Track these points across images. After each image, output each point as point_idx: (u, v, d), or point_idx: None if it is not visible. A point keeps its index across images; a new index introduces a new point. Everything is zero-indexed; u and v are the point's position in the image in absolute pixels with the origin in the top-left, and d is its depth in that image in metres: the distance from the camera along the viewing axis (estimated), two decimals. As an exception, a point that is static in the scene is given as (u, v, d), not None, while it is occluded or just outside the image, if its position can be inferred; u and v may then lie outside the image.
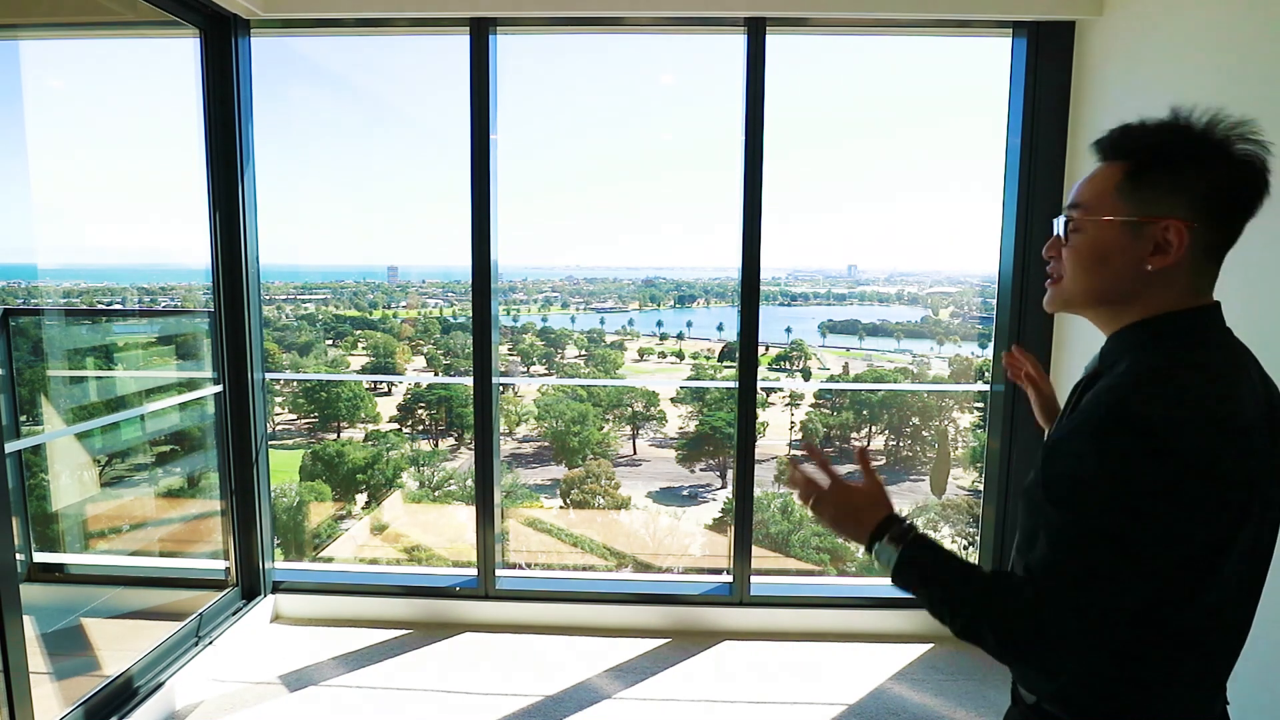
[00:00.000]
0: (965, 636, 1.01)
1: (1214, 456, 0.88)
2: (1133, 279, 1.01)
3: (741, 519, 3.48)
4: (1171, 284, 1.00)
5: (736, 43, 3.25)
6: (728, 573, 3.56)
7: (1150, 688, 1.00)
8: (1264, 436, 0.94)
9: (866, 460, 1.22)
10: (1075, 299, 1.09)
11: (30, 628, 2.23)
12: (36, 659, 2.29)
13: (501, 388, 3.56)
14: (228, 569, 3.42)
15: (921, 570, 1.06)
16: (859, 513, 1.14)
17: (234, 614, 3.31)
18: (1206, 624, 0.98)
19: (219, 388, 3.31)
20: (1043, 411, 1.56)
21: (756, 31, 3.19)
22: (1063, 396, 1.47)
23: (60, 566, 3.24)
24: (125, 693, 2.70)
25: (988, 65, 3.40)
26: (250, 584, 3.45)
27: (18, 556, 2.35)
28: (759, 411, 3.53)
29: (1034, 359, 1.58)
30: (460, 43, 3.28)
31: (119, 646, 2.96)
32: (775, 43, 3.22)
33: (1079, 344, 3.09)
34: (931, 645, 3.38)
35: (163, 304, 4.32)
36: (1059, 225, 1.09)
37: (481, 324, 3.43)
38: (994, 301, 3.47)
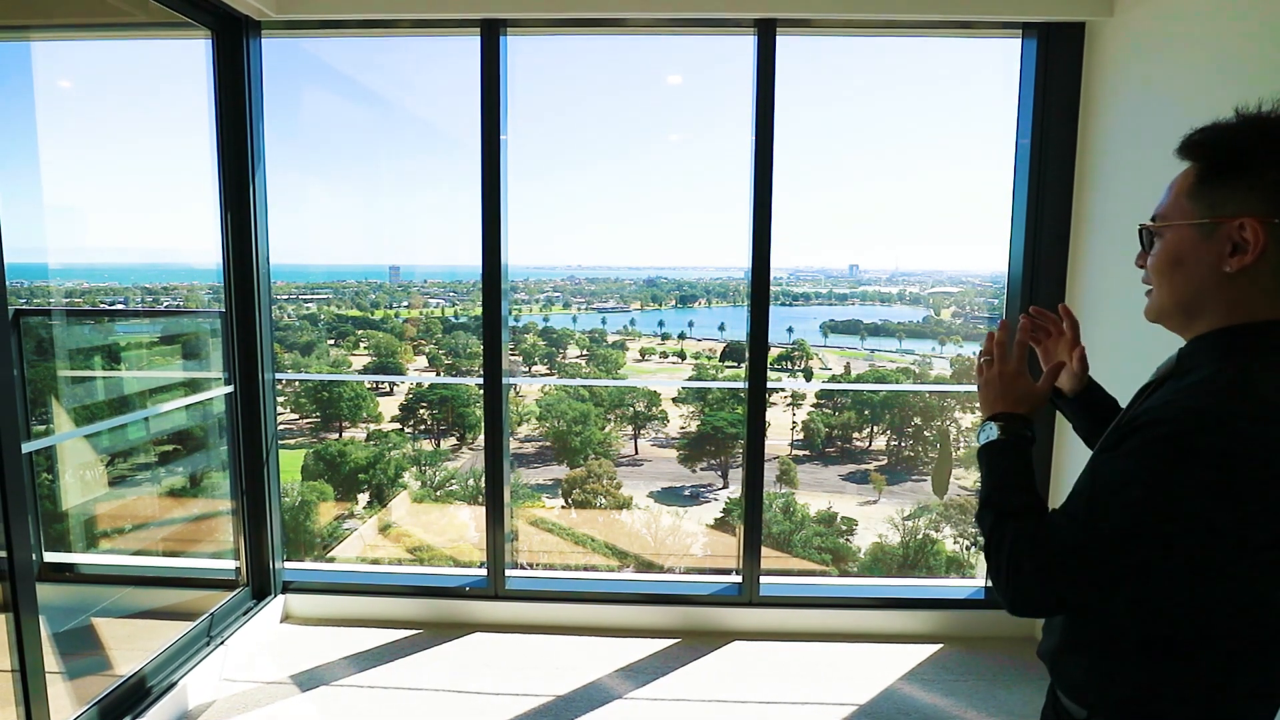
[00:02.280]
0: (981, 527, 1.10)
1: (1269, 466, 0.87)
2: (1212, 283, 0.98)
3: (751, 519, 3.49)
4: (1256, 288, 0.96)
5: (744, 44, 3.26)
6: (737, 573, 3.57)
7: (1206, 698, 0.98)
8: None
9: (1057, 371, 1.24)
10: (1166, 309, 1.06)
11: (42, 627, 2.23)
12: (49, 658, 2.29)
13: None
14: (238, 569, 3.43)
15: (1000, 461, 1.14)
16: (1010, 395, 1.19)
17: (245, 614, 3.31)
18: (1267, 635, 0.96)
19: (230, 388, 3.32)
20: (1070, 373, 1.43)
21: (767, 33, 3.20)
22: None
23: (71, 566, 3.24)
24: (138, 692, 2.70)
25: (997, 66, 3.42)
26: (261, 584, 3.46)
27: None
28: (768, 412, 3.53)
29: (1071, 319, 1.43)
30: (469, 44, 3.29)
31: (130, 646, 2.96)
32: (783, 43, 3.23)
33: (1092, 343, 3.09)
34: (941, 645, 3.39)
35: (165, 304, 4.31)
36: (1141, 235, 1.09)
37: (491, 324, 3.44)
38: (996, 301, 3.48)
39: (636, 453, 9.03)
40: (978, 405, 1.27)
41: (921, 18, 3.09)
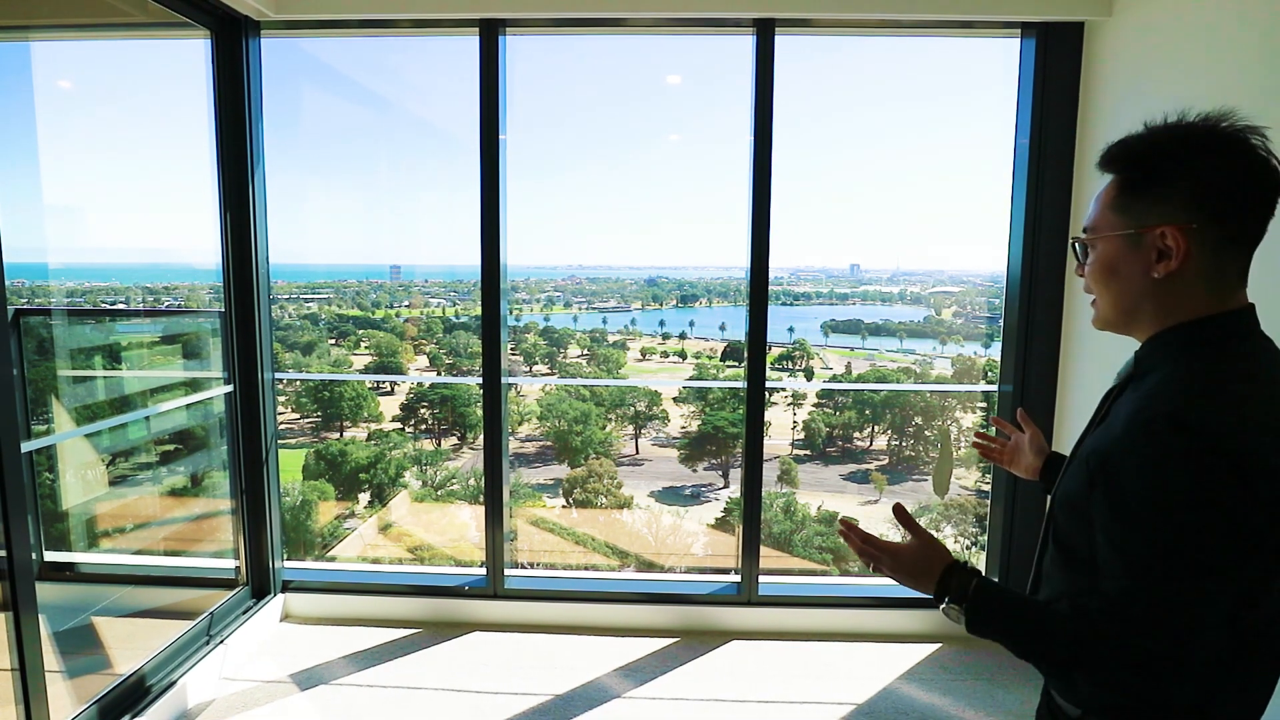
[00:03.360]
0: (1057, 678, 1.04)
1: (1253, 457, 0.88)
2: (1145, 290, 1.02)
3: (750, 519, 3.50)
4: (1189, 288, 0.99)
5: (744, 43, 3.26)
6: (736, 572, 3.57)
7: (1205, 700, 0.98)
8: None
9: (905, 518, 1.20)
10: (1110, 318, 1.10)
11: (42, 626, 2.24)
12: (49, 657, 2.30)
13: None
14: (238, 568, 3.43)
15: (993, 626, 1.07)
16: (915, 574, 1.16)
17: (244, 613, 3.31)
18: (1264, 633, 0.97)
19: (229, 387, 3.32)
20: (1034, 451, 1.49)
21: (765, 32, 3.20)
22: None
23: (71, 565, 3.25)
24: (138, 691, 2.71)
25: (996, 66, 3.41)
26: (260, 583, 3.46)
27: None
28: (767, 411, 3.53)
29: (1026, 421, 1.52)
30: (469, 44, 3.29)
31: (130, 645, 2.97)
32: (782, 43, 3.23)
33: (1088, 344, 3.10)
34: (940, 645, 3.39)
35: (166, 304, 4.32)
36: (1074, 248, 1.12)
37: (490, 324, 3.44)
38: (997, 301, 3.48)
39: (637, 452, 9.03)
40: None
41: (920, 17, 3.09)
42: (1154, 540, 0.91)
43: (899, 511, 1.20)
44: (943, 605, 1.12)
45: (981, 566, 3.57)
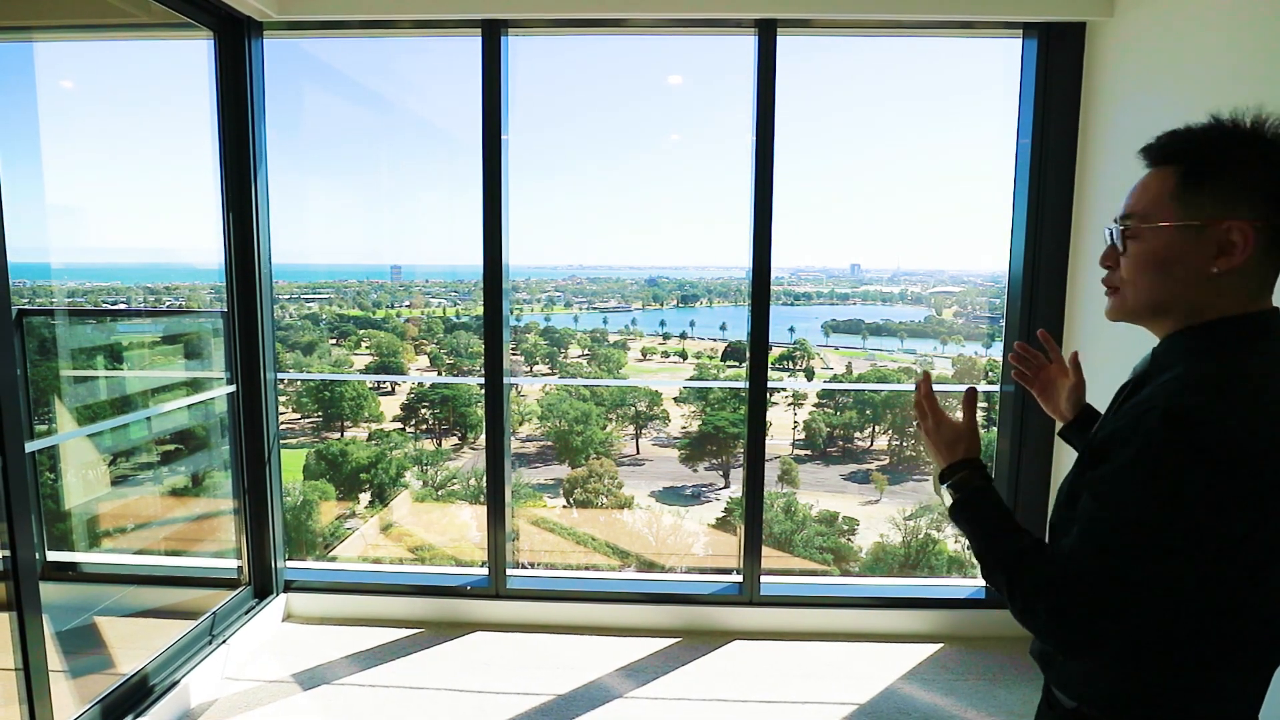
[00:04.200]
0: (993, 585, 1.07)
1: (1265, 460, 0.89)
2: (1198, 284, 1.00)
3: (751, 519, 3.50)
4: (1236, 287, 0.99)
5: (745, 44, 3.26)
6: (737, 572, 3.57)
7: (1194, 694, 1.00)
8: None
9: (972, 402, 1.26)
10: (1140, 308, 1.07)
11: (45, 626, 2.24)
12: (52, 657, 2.30)
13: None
14: (240, 568, 3.44)
15: (970, 518, 1.13)
16: (941, 446, 1.22)
17: (246, 613, 3.32)
18: (1255, 633, 0.98)
19: (232, 387, 3.33)
20: (1070, 403, 1.47)
21: (767, 33, 3.20)
22: (1087, 399, 1.47)
23: (73, 565, 3.25)
24: (141, 691, 2.71)
25: (997, 66, 3.42)
26: (262, 583, 3.47)
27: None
28: (769, 412, 3.54)
29: (1053, 347, 1.50)
30: (470, 44, 3.29)
31: (133, 645, 2.97)
32: (782, 43, 3.23)
33: (1091, 343, 3.10)
34: (941, 645, 3.39)
35: (167, 303, 4.33)
36: (1113, 234, 1.08)
37: (492, 324, 3.45)
38: (998, 301, 3.48)
39: (638, 452, 9.03)
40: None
41: (922, 18, 3.09)
42: (1119, 510, 0.93)
43: (970, 395, 1.26)
44: (944, 484, 1.19)
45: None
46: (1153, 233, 1.02)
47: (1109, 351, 2.88)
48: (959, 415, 1.26)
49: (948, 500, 1.18)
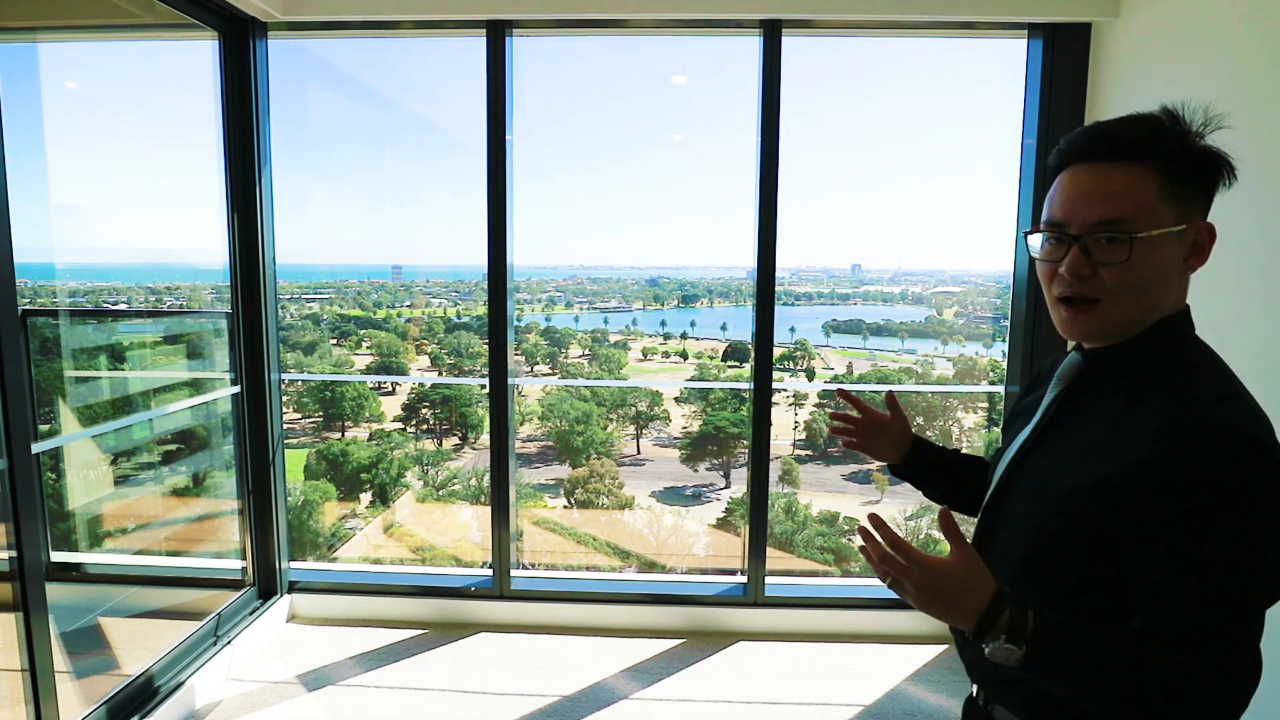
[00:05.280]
0: (1099, 710, 0.93)
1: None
2: (1171, 290, 0.98)
3: (756, 520, 3.50)
4: (1181, 288, 0.99)
5: (750, 44, 3.26)
6: (742, 573, 3.57)
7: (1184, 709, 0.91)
8: None
9: (951, 523, 0.94)
10: (1126, 325, 0.98)
11: (50, 627, 2.24)
12: (58, 658, 2.30)
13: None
14: (244, 569, 3.43)
15: (1053, 666, 0.90)
16: (954, 599, 0.92)
17: (251, 614, 3.31)
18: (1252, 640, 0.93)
19: (236, 388, 3.32)
20: (896, 444, 1.38)
21: (772, 33, 3.20)
22: None
23: (77, 566, 3.25)
24: (146, 692, 2.71)
25: (1002, 67, 3.41)
26: (267, 584, 3.46)
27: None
28: (772, 412, 3.54)
29: (856, 402, 1.39)
30: (475, 45, 3.29)
31: (138, 646, 2.97)
32: (788, 44, 3.23)
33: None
34: (946, 646, 3.39)
35: (168, 304, 4.32)
36: (1082, 243, 0.96)
37: (496, 324, 3.44)
38: (999, 301, 3.48)
39: (639, 452, 9.02)
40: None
41: (927, 18, 3.09)
42: (1230, 563, 0.85)
43: (945, 519, 0.94)
44: (990, 646, 0.90)
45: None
46: (1149, 242, 0.93)
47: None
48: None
49: (1008, 656, 0.89)
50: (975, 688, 1.17)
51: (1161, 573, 0.87)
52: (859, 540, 0.98)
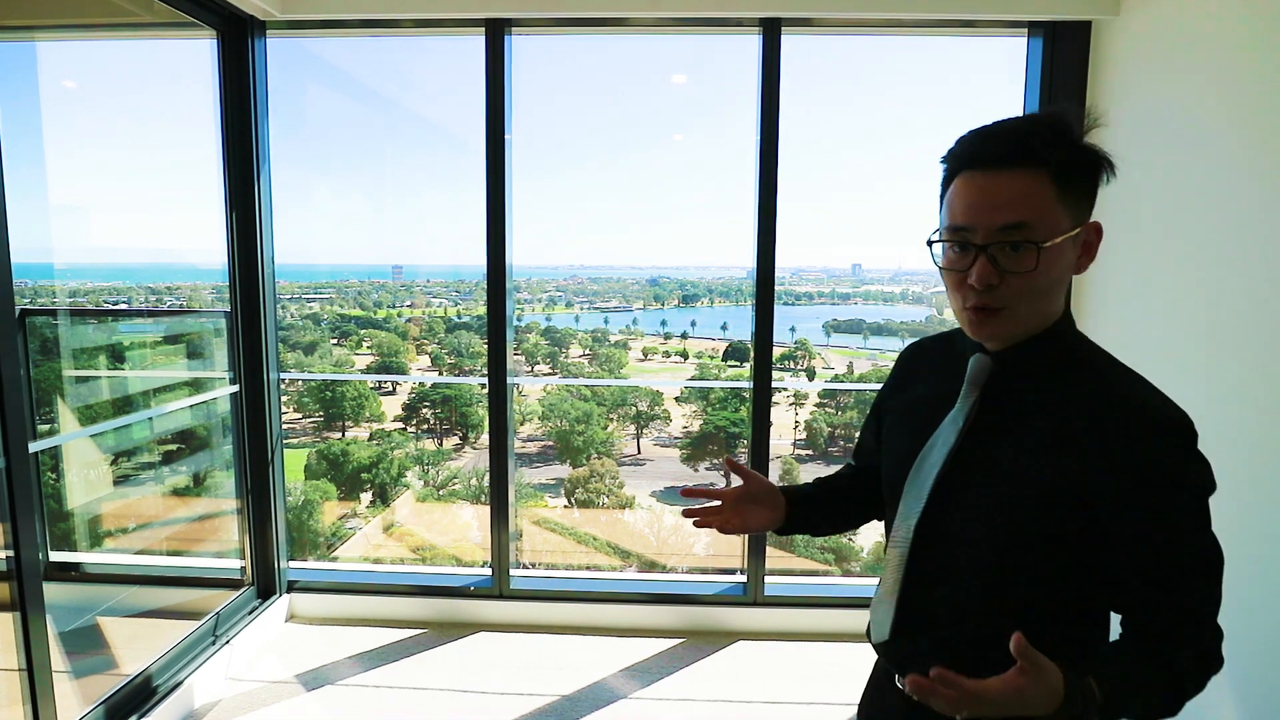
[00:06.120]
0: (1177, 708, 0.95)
1: None
2: (1064, 289, 1.02)
3: (755, 519, 3.49)
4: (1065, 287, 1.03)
5: (749, 43, 3.26)
6: (741, 573, 3.56)
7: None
8: None
9: (1022, 648, 0.84)
10: (1030, 325, 1.00)
11: (48, 626, 2.24)
12: (55, 657, 2.29)
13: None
14: (243, 568, 3.43)
15: (1128, 709, 0.92)
16: (1031, 704, 0.86)
17: (250, 613, 3.31)
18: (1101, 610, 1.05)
19: (235, 387, 3.32)
20: (771, 505, 1.27)
21: (771, 32, 3.19)
22: None
23: (76, 565, 3.25)
24: (144, 691, 2.70)
25: (1002, 66, 3.41)
26: (266, 583, 3.46)
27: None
28: (772, 411, 3.53)
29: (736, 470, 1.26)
30: (474, 43, 3.29)
31: (136, 645, 2.97)
32: (787, 43, 3.23)
33: (1093, 334, 3.09)
34: (945, 645, 3.38)
35: (168, 303, 4.32)
36: (994, 251, 0.95)
37: (496, 324, 3.44)
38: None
39: (639, 452, 9.02)
40: None
41: (926, 16, 3.09)
42: (1209, 542, 0.94)
43: (1019, 646, 0.83)
44: None
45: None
46: (1061, 245, 0.95)
47: (1113, 348, 2.88)
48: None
49: None
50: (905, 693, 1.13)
51: (1162, 561, 0.93)
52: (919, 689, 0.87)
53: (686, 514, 1.26)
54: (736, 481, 1.28)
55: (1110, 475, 0.93)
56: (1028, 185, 0.93)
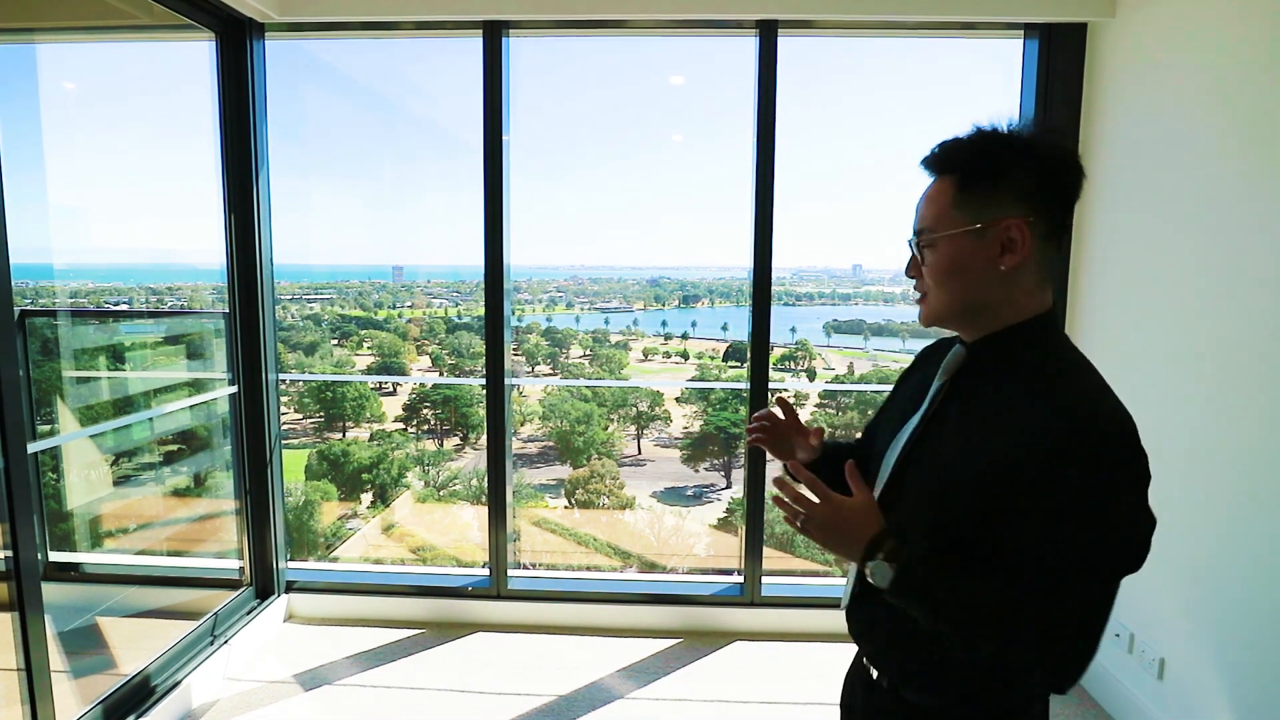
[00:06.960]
0: (968, 650, 1.04)
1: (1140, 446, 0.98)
2: (994, 283, 1.07)
3: (752, 520, 3.50)
4: (1028, 279, 1.07)
5: (747, 44, 3.26)
6: (739, 573, 3.57)
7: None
8: None
9: (855, 471, 1.11)
10: (945, 312, 1.13)
11: (47, 626, 2.25)
12: (54, 657, 2.30)
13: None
14: (242, 568, 3.44)
15: (918, 587, 1.03)
16: (850, 530, 1.07)
17: (248, 613, 3.32)
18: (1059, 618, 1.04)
19: (234, 388, 3.33)
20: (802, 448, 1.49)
21: (768, 34, 3.20)
22: None
23: (75, 565, 3.26)
24: (143, 691, 2.71)
25: (998, 67, 3.41)
26: (264, 583, 3.47)
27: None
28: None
29: (787, 409, 1.51)
30: (472, 45, 3.30)
31: (135, 645, 2.97)
32: (783, 43, 3.23)
33: (1093, 340, 3.09)
34: (942, 645, 3.38)
35: (169, 304, 4.34)
36: (911, 247, 1.14)
37: (494, 325, 3.45)
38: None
39: (639, 453, 9.02)
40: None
41: (922, 19, 3.09)
42: (1094, 544, 0.95)
43: (851, 470, 1.10)
44: (871, 564, 1.05)
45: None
46: (945, 241, 1.08)
47: (1109, 350, 2.88)
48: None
49: (885, 576, 1.04)
50: (864, 659, 1.28)
51: (1044, 534, 0.96)
52: (774, 490, 1.14)
53: (756, 418, 1.50)
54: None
55: (1036, 453, 0.97)
56: (936, 191, 1.10)
